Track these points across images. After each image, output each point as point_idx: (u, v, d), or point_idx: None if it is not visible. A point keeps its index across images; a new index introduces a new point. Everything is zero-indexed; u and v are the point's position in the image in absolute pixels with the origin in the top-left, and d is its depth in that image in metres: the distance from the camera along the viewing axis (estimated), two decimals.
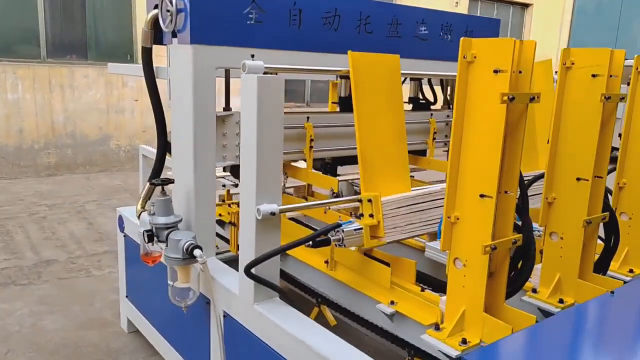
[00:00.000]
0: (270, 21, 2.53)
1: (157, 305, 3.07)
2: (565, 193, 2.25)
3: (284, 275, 2.62)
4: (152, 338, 3.14)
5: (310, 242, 2.08)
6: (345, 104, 3.52)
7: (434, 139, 3.51)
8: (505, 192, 1.84)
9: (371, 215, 2.21)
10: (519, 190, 1.89)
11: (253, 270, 2.06)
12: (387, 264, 2.24)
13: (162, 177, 2.76)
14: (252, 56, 2.00)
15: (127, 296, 3.43)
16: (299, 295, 2.72)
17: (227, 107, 2.75)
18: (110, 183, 7.90)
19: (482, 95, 1.77)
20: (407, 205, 2.28)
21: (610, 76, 2.13)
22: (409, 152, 3.66)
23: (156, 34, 2.62)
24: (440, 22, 3.25)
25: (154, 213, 2.52)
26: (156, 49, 2.66)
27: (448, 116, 3.66)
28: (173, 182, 2.42)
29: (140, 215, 2.71)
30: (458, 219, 1.90)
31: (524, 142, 1.85)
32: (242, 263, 2.14)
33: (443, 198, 2.40)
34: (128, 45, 8.53)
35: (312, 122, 2.93)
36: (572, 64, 2.17)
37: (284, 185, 3.17)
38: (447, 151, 3.81)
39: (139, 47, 8.42)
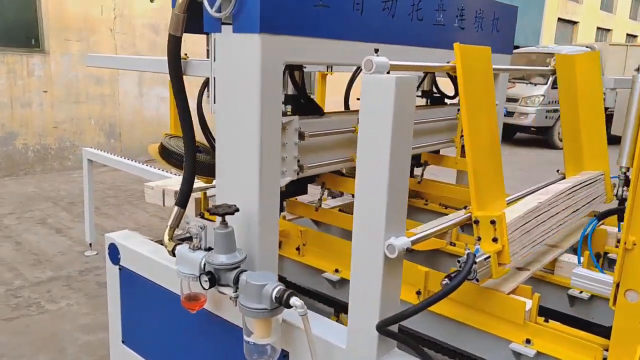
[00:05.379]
0: (336, 5, 2.07)
1: (183, 353, 2.49)
2: None
3: None
4: None
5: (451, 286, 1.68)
6: None
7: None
8: None
9: (494, 240, 1.87)
10: None
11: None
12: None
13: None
14: (376, 51, 1.55)
15: (123, 342, 2.79)
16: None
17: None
18: (22, 190, 6.78)
19: None
20: (529, 222, 1.97)
21: None
22: (431, 152, 3.39)
23: (188, 19, 2.05)
24: (475, 8, 2.96)
25: (209, 248, 1.98)
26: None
27: None
28: (238, 210, 1.89)
29: (174, 249, 2.14)
30: (635, 244, 1.61)
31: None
32: (358, 312, 1.70)
33: (555, 206, 2.17)
34: (32, 27, 7.31)
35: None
36: None
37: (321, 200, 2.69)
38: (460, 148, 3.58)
39: (45, 30, 7.27)
